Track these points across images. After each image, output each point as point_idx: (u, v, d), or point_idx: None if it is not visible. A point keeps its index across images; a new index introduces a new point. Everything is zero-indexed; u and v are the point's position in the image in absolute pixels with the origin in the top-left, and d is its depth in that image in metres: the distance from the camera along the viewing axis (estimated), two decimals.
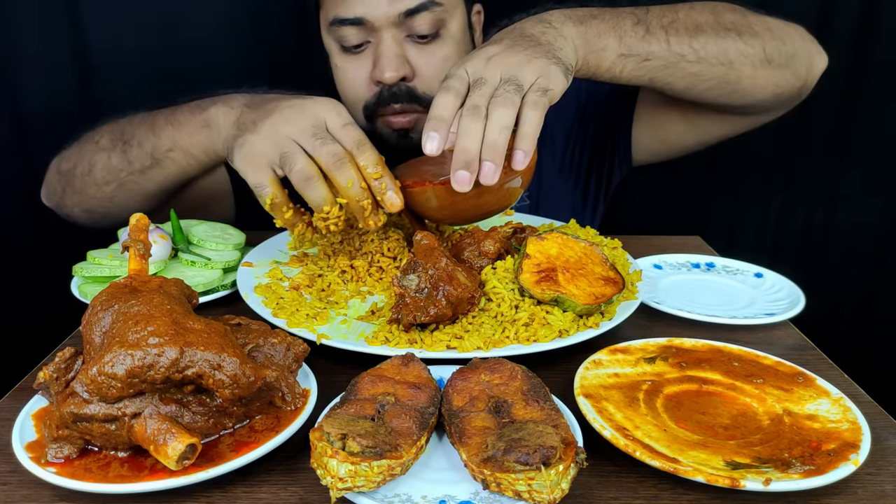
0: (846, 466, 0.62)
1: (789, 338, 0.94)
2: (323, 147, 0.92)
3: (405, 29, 1.20)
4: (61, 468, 0.61)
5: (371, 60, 1.22)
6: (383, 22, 1.18)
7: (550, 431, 0.60)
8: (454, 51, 1.26)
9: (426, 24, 1.20)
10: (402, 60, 1.21)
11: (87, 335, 0.66)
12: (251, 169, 0.95)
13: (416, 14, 1.19)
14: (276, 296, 0.93)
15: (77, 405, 0.61)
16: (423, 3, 1.19)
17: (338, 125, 0.95)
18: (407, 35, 1.21)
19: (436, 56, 1.24)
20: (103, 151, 1.16)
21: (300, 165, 0.91)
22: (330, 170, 0.92)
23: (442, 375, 0.75)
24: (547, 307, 0.86)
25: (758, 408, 0.73)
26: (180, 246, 1.04)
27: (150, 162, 1.12)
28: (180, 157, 1.10)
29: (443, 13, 1.21)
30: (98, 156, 1.17)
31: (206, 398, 0.64)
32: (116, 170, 1.15)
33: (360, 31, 1.20)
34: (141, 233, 0.80)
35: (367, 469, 0.57)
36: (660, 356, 0.81)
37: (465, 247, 0.98)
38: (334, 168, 0.91)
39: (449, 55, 1.25)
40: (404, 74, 1.21)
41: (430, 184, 0.92)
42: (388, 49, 1.19)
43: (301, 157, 0.92)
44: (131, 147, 1.13)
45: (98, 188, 1.18)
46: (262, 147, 0.94)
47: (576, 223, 1.14)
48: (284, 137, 0.93)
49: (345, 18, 1.19)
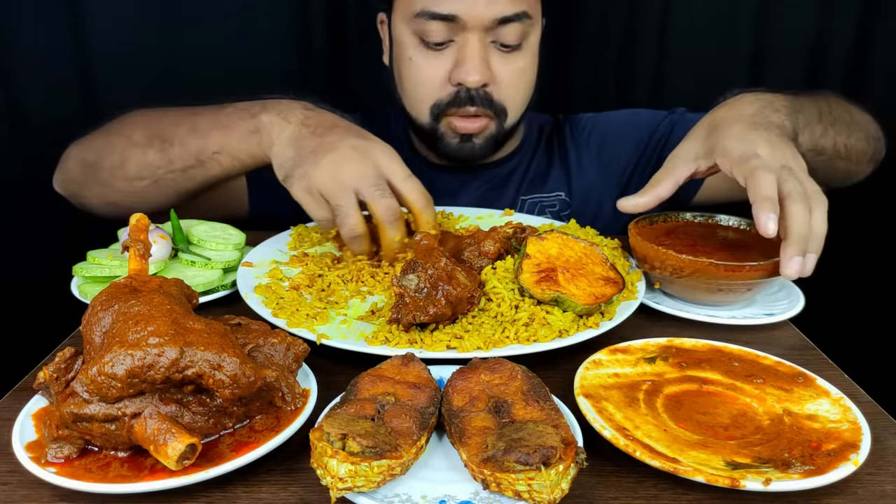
0: (846, 466, 0.62)
1: (789, 338, 0.94)
2: (382, 200, 0.97)
3: (492, 35, 1.21)
4: (61, 468, 0.61)
5: (452, 60, 1.23)
6: (476, 23, 1.19)
7: (550, 431, 0.60)
8: (531, 62, 1.28)
9: (514, 34, 1.22)
10: (486, 65, 1.22)
11: (87, 335, 0.66)
12: (314, 205, 0.99)
13: (508, 23, 1.20)
14: (276, 296, 0.93)
15: (77, 405, 0.61)
16: (518, 14, 1.20)
17: (401, 176, 0.99)
18: (492, 41, 1.22)
19: (515, 66, 1.25)
20: (137, 147, 1.16)
21: (352, 223, 0.97)
22: (385, 223, 0.97)
23: (442, 375, 0.75)
24: (547, 307, 0.86)
25: (758, 408, 0.73)
26: (180, 246, 1.04)
27: (194, 162, 1.12)
28: (226, 160, 1.11)
29: (529, 25, 1.23)
30: (132, 151, 1.16)
31: (206, 398, 0.64)
32: (153, 167, 1.14)
33: (447, 29, 1.20)
34: (141, 233, 0.80)
35: (367, 469, 0.57)
36: (660, 356, 0.81)
37: (465, 247, 0.98)
38: (389, 223, 0.97)
39: (527, 66, 1.27)
40: (487, 80, 1.22)
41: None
42: (475, 52, 1.20)
43: (354, 213, 0.97)
44: (172, 146, 1.13)
45: (129, 182, 1.17)
46: (323, 184, 0.97)
47: (576, 223, 1.14)
48: (345, 183, 0.97)
49: (436, 13, 1.19)
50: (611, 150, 1.44)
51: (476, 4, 1.17)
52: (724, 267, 0.91)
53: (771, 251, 0.99)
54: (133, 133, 1.17)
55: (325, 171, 0.97)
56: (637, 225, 1.05)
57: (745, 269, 0.91)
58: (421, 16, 1.20)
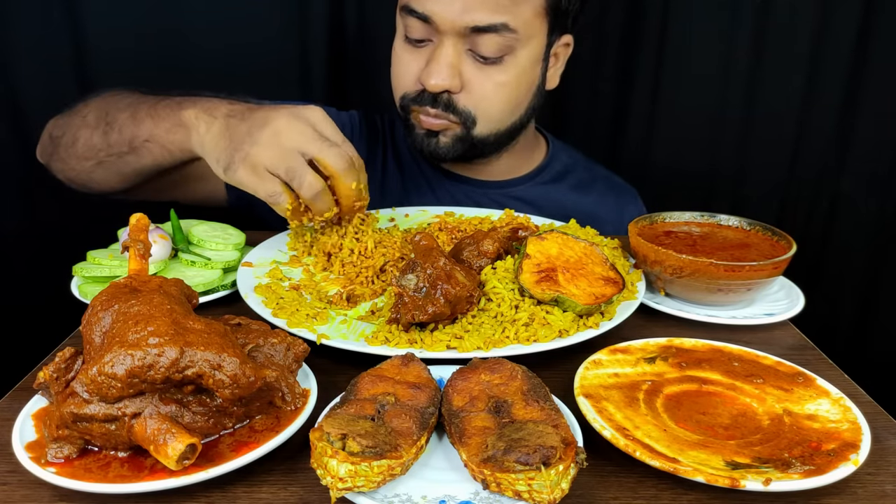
0: (846, 466, 0.62)
1: (789, 338, 0.94)
2: (330, 150, 0.94)
3: (469, 43, 1.19)
4: (61, 468, 0.61)
5: (426, 59, 1.21)
6: (448, 28, 1.17)
7: (550, 431, 0.60)
8: (514, 79, 1.23)
9: (492, 46, 1.18)
10: (454, 72, 1.19)
11: (87, 335, 0.66)
12: (260, 181, 0.95)
13: (484, 33, 1.17)
14: (276, 296, 0.93)
15: (77, 405, 0.61)
16: (494, 25, 1.16)
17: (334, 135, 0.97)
18: (469, 49, 1.19)
19: (492, 80, 1.22)
20: (88, 128, 1.18)
21: (309, 179, 0.93)
22: (339, 171, 0.95)
23: (442, 375, 0.75)
24: (547, 307, 0.86)
25: (758, 408, 0.73)
26: (180, 246, 1.04)
27: (127, 149, 1.14)
28: (155, 150, 1.11)
29: (513, 40, 1.19)
30: (83, 131, 1.19)
31: (206, 398, 0.64)
32: (96, 149, 1.17)
33: (424, 28, 1.19)
34: (141, 233, 0.80)
35: (367, 469, 0.57)
36: (660, 356, 0.81)
37: (465, 247, 0.98)
38: (343, 170, 0.95)
39: (507, 82, 1.23)
40: (450, 87, 1.20)
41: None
42: (443, 56, 1.18)
43: (307, 170, 0.94)
44: (113, 130, 1.15)
45: (79, 162, 1.20)
46: (266, 158, 0.94)
47: (576, 223, 1.14)
48: (288, 148, 0.94)
49: (413, 10, 1.18)
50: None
51: (451, 9, 1.15)
52: (724, 267, 0.91)
53: (771, 251, 0.99)
54: (89, 112, 1.20)
55: (266, 145, 0.94)
56: (637, 225, 1.05)
57: (745, 269, 0.91)
58: (404, 10, 1.21)
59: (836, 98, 1.75)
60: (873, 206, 1.82)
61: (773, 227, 1.04)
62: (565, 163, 1.47)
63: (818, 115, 1.77)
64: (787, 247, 0.98)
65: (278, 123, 0.94)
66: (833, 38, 1.71)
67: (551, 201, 1.39)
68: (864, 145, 1.78)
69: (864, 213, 1.83)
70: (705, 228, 1.08)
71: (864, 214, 1.83)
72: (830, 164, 1.81)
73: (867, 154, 1.79)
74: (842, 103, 1.76)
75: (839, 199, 1.84)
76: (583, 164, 1.50)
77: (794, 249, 0.96)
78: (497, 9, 1.15)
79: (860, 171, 1.80)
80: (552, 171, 1.45)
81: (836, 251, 1.87)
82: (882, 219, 1.83)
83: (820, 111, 1.77)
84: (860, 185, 1.82)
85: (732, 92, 1.77)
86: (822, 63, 1.73)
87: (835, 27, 1.70)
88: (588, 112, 1.82)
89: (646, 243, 0.97)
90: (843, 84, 1.74)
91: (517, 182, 1.42)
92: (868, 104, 1.75)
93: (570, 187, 1.45)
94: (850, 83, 1.74)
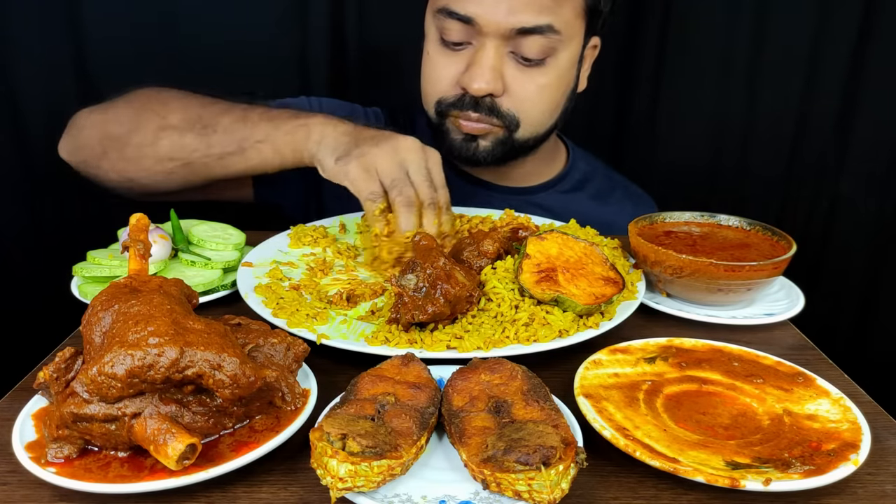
0: (846, 466, 0.62)
1: (789, 338, 0.94)
2: (426, 186, 1.00)
3: (512, 45, 1.17)
4: (61, 468, 0.61)
5: (465, 62, 1.19)
6: (493, 29, 1.15)
7: (550, 431, 0.60)
8: (555, 81, 1.23)
9: (536, 48, 1.17)
10: (497, 75, 1.18)
11: (87, 335, 0.66)
12: (367, 179, 1.00)
13: (529, 34, 1.15)
14: (276, 296, 0.93)
15: (77, 405, 0.61)
16: (541, 27, 1.15)
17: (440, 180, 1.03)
18: (511, 51, 1.18)
19: (534, 82, 1.20)
20: (174, 129, 1.16)
21: (410, 192, 1.00)
22: (425, 207, 1.00)
23: (442, 375, 0.75)
24: (547, 307, 0.86)
25: (758, 408, 0.73)
26: (180, 246, 1.04)
27: (235, 149, 1.13)
28: (267, 150, 1.12)
29: (557, 42, 1.18)
30: (167, 132, 1.16)
31: (206, 398, 0.64)
32: (189, 149, 1.15)
33: (465, 30, 1.17)
34: (141, 233, 0.80)
35: (367, 469, 0.57)
36: (660, 356, 0.81)
37: (465, 247, 0.98)
38: (428, 207, 1.00)
39: (548, 84, 1.22)
40: (493, 90, 1.18)
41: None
42: (486, 59, 1.16)
43: (411, 186, 1.00)
44: (214, 132, 1.14)
45: (159, 162, 1.18)
46: (381, 163, 1.00)
47: (576, 223, 1.14)
48: (403, 165, 1.00)
49: (455, 12, 1.16)
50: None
51: (496, 11, 1.13)
52: (724, 267, 0.91)
53: (771, 251, 0.99)
54: (169, 114, 1.18)
55: (385, 153, 1.00)
56: (637, 225, 1.05)
57: (745, 269, 0.91)
58: (442, 12, 1.18)
59: (836, 98, 1.75)
60: (873, 206, 1.82)
61: (773, 227, 1.04)
62: (584, 171, 1.47)
63: (818, 116, 1.77)
64: (787, 247, 0.98)
65: (404, 143, 1.02)
66: (833, 39, 1.71)
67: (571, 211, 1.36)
68: (864, 145, 1.78)
69: (863, 213, 1.83)
70: (705, 228, 1.08)
71: (864, 214, 1.83)
72: (830, 164, 1.81)
73: (866, 154, 1.79)
74: (841, 103, 1.76)
75: (839, 199, 1.83)
76: (602, 171, 1.49)
77: (794, 249, 0.96)
78: (542, 10, 1.15)
79: (860, 171, 1.80)
80: (572, 179, 1.44)
81: (836, 251, 1.87)
82: (882, 219, 1.83)
83: (820, 111, 1.77)
84: (860, 185, 1.82)
85: (732, 92, 1.76)
86: (822, 63, 1.73)
87: (835, 27, 1.70)
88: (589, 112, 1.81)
89: (646, 243, 0.97)
90: (843, 84, 1.74)
91: (537, 189, 1.41)
92: (867, 104, 1.74)
93: (590, 196, 1.44)
94: (850, 83, 1.74)
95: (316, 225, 1.18)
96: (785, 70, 1.74)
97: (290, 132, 1.10)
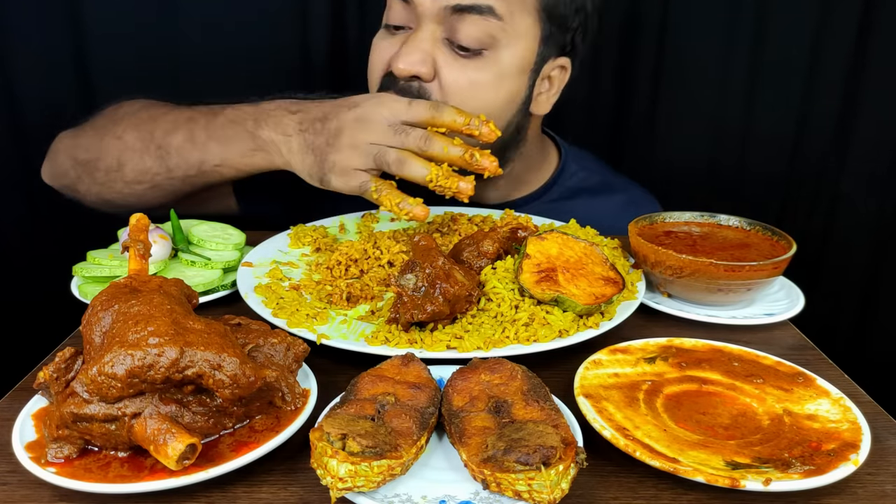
0: (846, 466, 0.62)
1: (789, 338, 0.94)
2: (407, 137, 0.98)
3: (448, 30, 1.11)
4: (61, 468, 0.61)
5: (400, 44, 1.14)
6: (428, 8, 1.10)
7: (550, 431, 0.60)
8: (493, 80, 1.13)
9: (473, 33, 1.10)
10: (426, 58, 1.11)
11: (87, 335, 0.66)
12: (351, 181, 1.01)
13: (465, 13, 1.08)
14: (275, 296, 0.93)
15: (77, 405, 0.61)
16: (478, 6, 1.08)
17: (404, 109, 0.99)
18: (447, 38, 1.11)
19: (466, 74, 1.12)
20: (133, 151, 1.15)
21: (393, 156, 0.98)
22: (423, 150, 0.98)
23: (442, 375, 0.75)
24: (547, 307, 0.86)
25: (758, 408, 0.73)
26: (180, 246, 1.04)
27: (195, 172, 1.13)
28: (228, 172, 1.12)
29: (497, 30, 1.10)
30: (127, 155, 1.15)
31: (206, 398, 0.64)
32: (152, 173, 1.15)
33: (405, 12, 1.14)
34: (141, 233, 0.80)
35: (367, 469, 0.57)
36: (660, 356, 0.81)
37: (465, 247, 0.98)
38: (426, 146, 0.98)
39: (484, 82, 1.13)
40: (419, 73, 1.11)
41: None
42: (417, 40, 1.11)
43: (390, 150, 0.98)
44: (169, 155, 1.13)
45: (128, 186, 1.17)
46: (351, 161, 0.99)
47: (575, 223, 1.14)
48: (368, 146, 0.98)
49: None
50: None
51: None
52: (724, 267, 0.91)
53: (771, 251, 0.99)
54: (125, 134, 1.16)
55: (347, 149, 0.99)
56: (637, 225, 1.05)
57: (745, 269, 0.91)
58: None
59: (836, 97, 1.75)
60: (873, 206, 1.82)
61: (773, 227, 1.04)
62: (578, 176, 1.38)
63: (818, 115, 1.77)
64: (787, 247, 0.98)
65: (351, 130, 1.00)
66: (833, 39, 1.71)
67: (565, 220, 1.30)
68: (864, 145, 1.78)
69: (863, 212, 1.83)
70: (705, 228, 1.08)
71: (864, 214, 1.83)
72: (830, 164, 1.81)
73: (867, 154, 1.79)
74: (842, 103, 1.76)
75: (839, 198, 1.84)
76: (599, 175, 1.41)
77: (794, 249, 0.96)
78: None
79: (860, 171, 1.80)
80: (562, 187, 1.36)
81: (837, 251, 1.87)
82: (882, 219, 1.83)
83: (820, 111, 1.77)
84: (860, 185, 1.82)
85: (732, 92, 1.76)
86: (822, 63, 1.73)
87: (835, 27, 1.70)
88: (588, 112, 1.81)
89: (646, 243, 0.97)
90: (843, 84, 1.74)
91: (522, 202, 1.33)
92: (868, 104, 1.74)
93: (584, 204, 1.36)
94: (850, 83, 1.74)
95: (316, 225, 1.18)
96: (785, 69, 1.74)
97: (245, 155, 1.08)
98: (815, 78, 1.74)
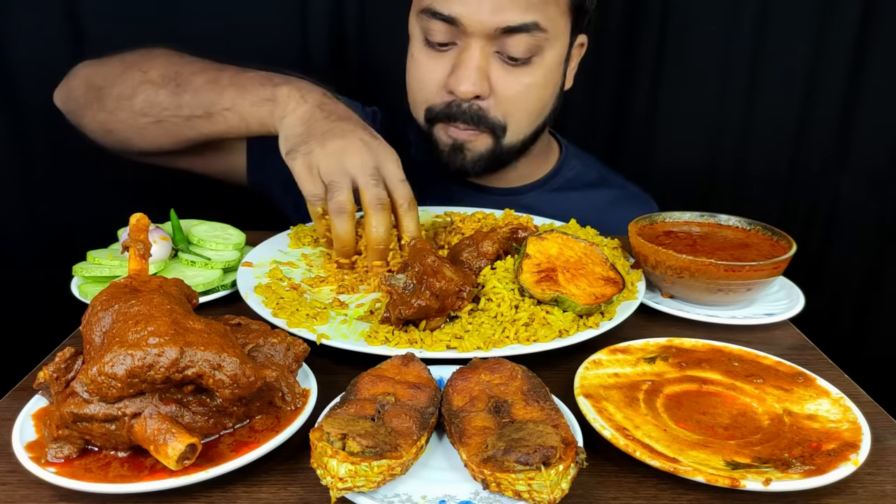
0: (846, 466, 0.62)
1: (789, 338, 0.94)
2: (374, 188, 0.98)
3: (497, 45, 1.15)
4: (61, 468, 0.61)
5: (451, 64, 1.17)
6: (477, 29, 1.13)
7: (550, 431, 0.60)
8: (542, 80, 1.21)
9: (522, 47, 1.15)
10: (483, 76, 1.16)
11: (87, 335, 0.66)
12: (309, 179, 0.99)
13: (515, 33, 1.13)
14: (275, 296, 0.93)
15: (77, 405, 0.61)
16: (526, 25, 1.13)
17: (397, 178, 1.00)
18: (497, 51, 1.16)
19: (520, 82, 1.19)
20: (151, 84, 1.16)
21: (342, 198, 0.97)
22: (371, 210, 0.97)
23: (442, 375, 0.75)
24: (547, 307, 0.86)
25: (758, 408, 0.73)
26: (180, 246, 1.04)
27: (202, 113, 1.13)
28: (233, 119, 1.11)
29: (543, 40, 1.16)
30: (144, 87, 1.16)
31: (206, 398, 0.64)
32: (161, 107, 1.15)
33: (449, 31, 1.16)
34: (141, 233, 0.80)
35: (367, 469, 0.57)
36: (660, 356, 0.81)
37: (464, 248, 0.98)
38: (375, 209, 0.98)
39: (535, 83, 1.20)
40: (480, 92, 1.16)
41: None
42: (471, 60, 1.14)
43: (346, 191, 0.98)
44: (185, 92, 1.13)
45: (133, 116, 1.18)
46: (324, 164, 0.99)
47: (576, 223, 1.14)
48: (344, 167, 0.98)
49: (438, 12, 1.15)
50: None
51: (480, 9, 1.12)
52: (724, 267, 0.91)
53: (771, 251, 0.99)
54: (151, 69, 1.18)
55: (330, 154, 0.99)
56: (637, 225, 1.05)
57: (745, 269, 0.91)
58: (425, 13, 1.17)
59: (836, 98, 1.75)
60: (873, 206, 1.82)
61: (773, 227, 1.04)
62: (577, 170, 1.44)
63: (818, 116, 1.77)
64: (787, 247, 0.98)
65: (351, 143, 1.00)
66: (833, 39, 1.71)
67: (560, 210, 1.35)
68: (864, 145, 1.78)
69: (864, 213, 1.83)
70: (705, 228, 1.08)
71: (864, 214, 1.83)
72: (830, 165, 1.81)
73: (867, 154, 1.79)
74: (842, 103, 1.76)
75: (839, 199, 1.84)
76: (596, 171, 1.47)
77: (794, 249, 0.96)
78: (528, 8, 1.13)
79: (860, 171, 1.80)
80: (562, 178, 1.42)
81: (836, 251, 1.87)
82: (882, 219, 1.83)
83: (820, 111, 1.77)
84: (860, 185, 1.82)
85: (732, 91, 1.76)
86: (822, 63, 1.73)
87: (835, 27, 1.70)
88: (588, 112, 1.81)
89: (646, 243, 0.97)
90: (843, 84, 1.74)
91: (526, 189, 1.40)
92: (868, 104, 1.74)
93: (581, 195, 1.41)
94: (850, 83, 1.74)
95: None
96: (785, 70, 1.74)
97: (255, 104, 1.09)
98: (816, 78, 1.74)
